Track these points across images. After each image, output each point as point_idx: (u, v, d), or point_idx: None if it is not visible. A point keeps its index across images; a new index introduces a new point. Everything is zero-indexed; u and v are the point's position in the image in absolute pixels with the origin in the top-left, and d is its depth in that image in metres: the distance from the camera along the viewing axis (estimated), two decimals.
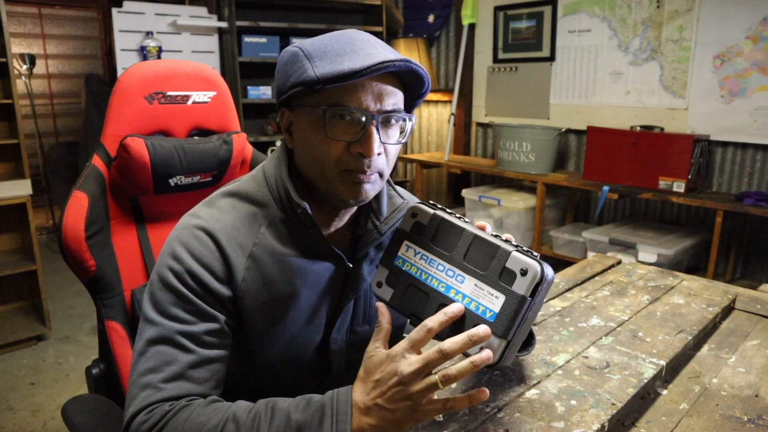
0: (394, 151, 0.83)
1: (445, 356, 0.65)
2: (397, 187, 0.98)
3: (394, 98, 0.79)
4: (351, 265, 0.89)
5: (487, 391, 0.68)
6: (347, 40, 0.79)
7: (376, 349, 0.71)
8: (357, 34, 0.81)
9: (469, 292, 0.71)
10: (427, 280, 0.75)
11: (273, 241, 0.84)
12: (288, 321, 0.85)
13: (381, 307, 0.75)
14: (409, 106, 0.86)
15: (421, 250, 0.76)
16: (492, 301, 0.69)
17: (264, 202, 0.85)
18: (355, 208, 0.90)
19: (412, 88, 0.83)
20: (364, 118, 0.77)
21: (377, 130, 0.78)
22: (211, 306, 0.79)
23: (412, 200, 1.02)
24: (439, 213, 0.76)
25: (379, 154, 0.79)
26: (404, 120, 0.82)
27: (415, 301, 0.76)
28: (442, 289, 0.73)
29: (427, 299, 0.74)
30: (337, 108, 0.77)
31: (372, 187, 0.82)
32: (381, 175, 0.83)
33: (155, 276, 0.81)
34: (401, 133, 0.83)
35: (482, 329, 0.66)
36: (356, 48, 0.77)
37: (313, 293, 0.87)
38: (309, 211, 0.81)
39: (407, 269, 0.77)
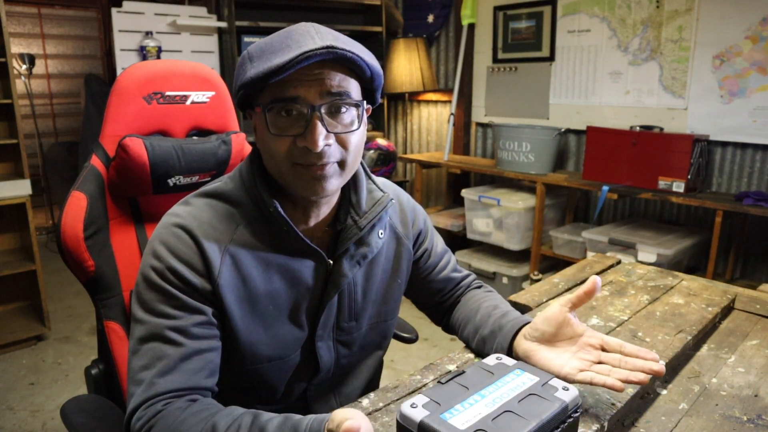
0: (354, 139, 0.81)
1: None
2: (378, 179, 0.97)
3: (340, 85, 0.78)
4: (331, 262, 0.89)
5: None
6: (286, 35, 0.78)
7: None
8: (299, 27, 0.79)
9: None
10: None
11: (251, 239, 0.84)
12: (269, 316, 0.86)
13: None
14: (370, 93, 0.85)
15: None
16: None
17: (241, 202, 0.85)
18: (334, 203, 0.90)
19: (360, 74, 0.81)
20: (306, 110, 0.77)
21: (321, 120, 0.77)
22: (196, 300, 0.80)
23: (393, 192, 1.01)
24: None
25: (328, 145, 0.78)
26: (356, 106, 0.81)
27: None
28: None
29: None
30: (276, 104, 0.77)
31: (331, 181, 0.81)
32: (342, 166, 0.81)
33: (140, 276, 0.82)
34: (358, 119, 0.81)
35: None
36: (291, 42, 0.76)
37: (293, 289, 0.87)
38: (279, 209, 0.81)
39: None
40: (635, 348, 0.79)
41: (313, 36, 0.76)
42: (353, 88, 0.81)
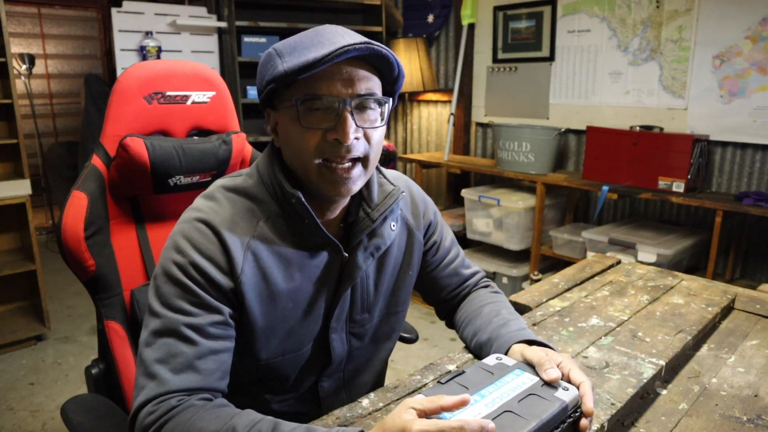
0: (377, 135, 0.84)
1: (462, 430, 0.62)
2: (388, 172, 0.99)
3: (368, 83, 0.81)
4: (347, 255, 0.90)
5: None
6: (316, 33, 0.81)
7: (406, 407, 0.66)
8: (328, 27, 0.82)
9: None
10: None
11: (271, 234, 0.85)
12: (287, 313, 0.87)
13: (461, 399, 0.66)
14: (390, 93, 0.87)
15: None
16: None
17: (261, 198, 0.86)
18: (347, 200, 0.91)
19: (386, 73, 0.84)
20: (337, 105, 0.79)
21: (352, 115, 0.79)
22: (215, 298, 0.80)
23: (404, 184, 1.03)
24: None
25: (357, 138, 0.81)
26: (381, 103, 0.84)
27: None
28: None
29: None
30: (309, 97, 0.79)
31: (355, 180, 0.83)
32: (366, 164, 0.84)
33: (160, 269, 0.82)
34: (381, 117, 0.84)
35: (491, 426, 0.62)
36: (323, 39, 0.79)
37: (310, 284, 0.88)
38: (303, 199, 0.82)
39: None
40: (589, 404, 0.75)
41: (342, 35, 0.79)
42: (378, 87, 0.84)
